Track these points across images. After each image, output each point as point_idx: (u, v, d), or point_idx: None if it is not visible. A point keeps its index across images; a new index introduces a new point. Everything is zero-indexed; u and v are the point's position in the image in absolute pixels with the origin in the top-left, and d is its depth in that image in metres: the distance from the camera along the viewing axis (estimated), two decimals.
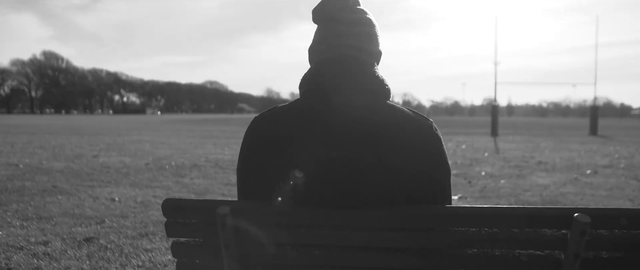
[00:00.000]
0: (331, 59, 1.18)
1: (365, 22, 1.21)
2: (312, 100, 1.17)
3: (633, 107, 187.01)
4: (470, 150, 13.85)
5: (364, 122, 1.11)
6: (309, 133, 1.12)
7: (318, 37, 1.22)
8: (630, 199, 6.01)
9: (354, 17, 1.19)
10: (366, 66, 1.18)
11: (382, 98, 1.17)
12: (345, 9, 1.19)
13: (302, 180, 1.11)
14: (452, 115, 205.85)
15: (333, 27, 1.19)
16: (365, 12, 1.23)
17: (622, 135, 25.12)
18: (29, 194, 5.83)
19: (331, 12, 1.18)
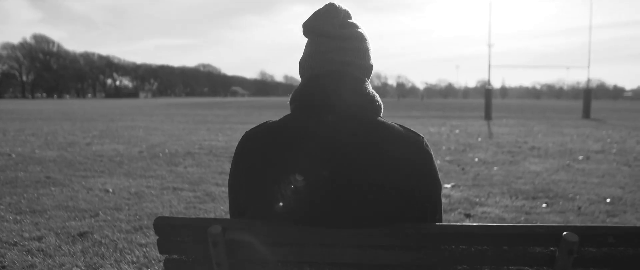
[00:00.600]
0: (322, 74, 1.17)
1: (356, 37, 1.20)
2: (303, 118, 1.17)
3: (626, 88, 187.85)
4: (464, 135, 13.89)
5: (355, 140, 1.12)
6: (300, 151, 1.13)
7: (309, 51, 1.21)
8: (621, 187, 6.07)
9: (344, 32, 1.18)
10: (357, 82, 1.18)
11: (372, 115, 1.17)
12: (335, 24, 1.18)
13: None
14: (446, 97, 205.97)
15: (323, 42, 1.18)
16: (356, 26, 1.23)
17: (614, 119, 25.26)
18: (22, 185, 5.82)
19: (322, 27, 1.17)
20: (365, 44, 1.23)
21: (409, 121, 21.37)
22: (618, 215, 4.61)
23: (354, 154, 1.10)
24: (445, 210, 4.84)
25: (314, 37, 1.20)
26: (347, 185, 1.09)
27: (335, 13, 1.18)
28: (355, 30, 1.21)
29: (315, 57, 1.19)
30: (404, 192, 1.12)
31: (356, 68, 1.19)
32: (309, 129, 1.14)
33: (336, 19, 1.18)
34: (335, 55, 1.17)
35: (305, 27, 1.20)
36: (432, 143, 11.46)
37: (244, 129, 15.97)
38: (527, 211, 4.77)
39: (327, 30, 1.17)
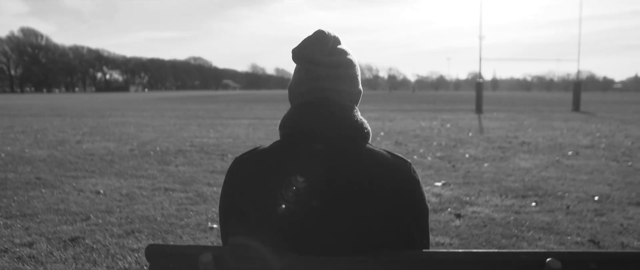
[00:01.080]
0: (311, 102, 1.19)
1: (345, 64, 1.22)
2: (292, 146, 1.18)
3: (615, 80, 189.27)
4: (455, 129, 13.97)
5: (344, 170, 1.13)
6: (290, 180, 1.14)
7: (298, 77, 1.22)
8: (609, 184, 6.14)
9: (333, 59, 1.20)
10: (345, 111, 1.20)
11: (361, 142, 1.19)
12: (325, 52, 1.19)
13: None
14: (437, 89, 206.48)
15: (313, 69, 1.19)
16: (346, 52, 1.24)
17: (604, 111, 25.49)
18: (12, 187, 5.79)
19: (311, 55, 1.19)
20: (354, 70, 1.24)
21: (400, 115, 21.44)
22: (605, 214, 4.68)
23: (342, 183, 1.12)
24: (436, 209, 4.89)
25: (303, 64, 1.21)
26: (337, 214, 1.11)
27: (325, 40, 1.19)
28: (344, 57, 1.22)
29: (304, 84, 1.20)
30: (393, 219, 1.14)
31: (345, 95, 1.21)
32: (298, 158, 1.15)
33: (325, 46, 1.19)
34: (325, 82, 1.19)
35: (295, 53, 1.21)
36: (423, 138, 11.53)
37: (234, 124, 15.96)
38: (516, 210, 4.83)
39: (316, 57, 1.18)
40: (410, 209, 1.17)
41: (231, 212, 1.22)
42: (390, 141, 10.96)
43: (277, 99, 50.27)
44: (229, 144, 10.28)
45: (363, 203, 1.11)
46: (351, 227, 1.11)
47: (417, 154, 8.93)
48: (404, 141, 11.00)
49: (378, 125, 15.57)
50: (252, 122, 16.70)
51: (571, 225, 4.30)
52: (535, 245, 3.79)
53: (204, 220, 4.43)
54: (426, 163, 7.93)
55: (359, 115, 1.22)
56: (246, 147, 9.85)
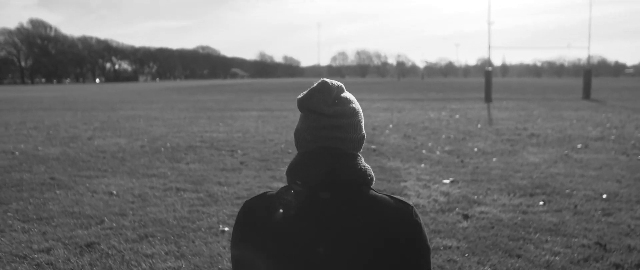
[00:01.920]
0: (317, 151, 1.24)
1: (349, 113, 1.27)
2: (299, 194, 1.24)
3: (627, 65, 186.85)
4: (464, 121, 13.95)
5: (349, 217, 1.19)
6: (297, 227, 1.20)
7: (304, 125, 1.27)
8: (618, 180, 6.15)
9: (337, 109, 1.25)
10: (349, 160, 1.25)
11: (365, 189, 1.24)
12: (328, 102, 1.24)
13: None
14: (446, 76, 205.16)
15: (317, 119, 1.24)
16: (349, 101, 1.29)
17: (614, 99, 25.27)
18: (28, 188, 5.91)
19: (316, 105, 1.24)
20: (357, 117, 1.29)
21: (409, 105, 21.41)
22: (613, 214, 4.70)
23: (347, 230, 1.18)
24: (443, 209, 4.94)
25: (308, 114, 1.26)
26: (342, 259, 1.17)
27: (328, 91, 1.24)
28: (347, 106, 1.27)
29: (310, 132, 1.26)
30: (396, 263, 1.20)
31: (349, 143, 1.27)
32: (304, 206, 1.21)
33: (329, 96, 1.24)
34: (329, 132, 1.24)
35: (300, 103, 1.26)
36: (432, 131, 11.54)
37: (244, 116, 16.05)
38: (524, 210, 4.86)
39: (321, 108, 1.23)
40: (413, 253, 1.22)
41: (241, 255, 1.28)
42: (399, 134, 10.98)
43: (285, 88, 50.30)
44: (239, 139, 10.36)
45: (367, 249, 1.17)
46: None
47: (425, 148, 8.96)
48: (412, 134, 11.02)
49: (387, 116, 15.58)
50: (262, 115, 16.77)
51: (578, 226, 4.34)
52: (541, 248, 3.83)
53: (215, 223, 4.51)
54: (435, 158, 7.96)
55: (361, 162, 1.27)
56: (256, 141, 9.94)
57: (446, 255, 3.72)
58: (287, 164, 7.43)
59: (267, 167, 7.29)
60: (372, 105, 21.30)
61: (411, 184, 6.05)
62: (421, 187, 5.91)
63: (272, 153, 8.53)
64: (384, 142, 9.81)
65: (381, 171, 6.90)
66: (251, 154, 8.44)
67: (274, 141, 10.01)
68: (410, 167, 7.19)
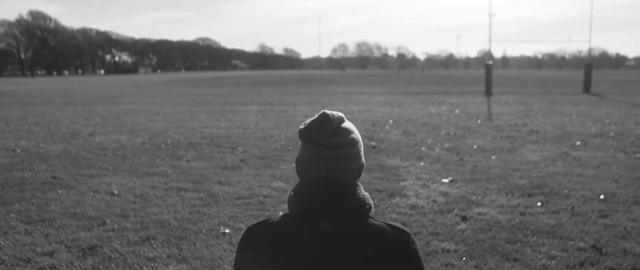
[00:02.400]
0: (317, 182, 1.28)
1: (349, 144, 1.30)
2: (300, 222, 1.28)
3: (628, 57, 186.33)
4: (464, 116, 13.97)
5: (348, 245, 1.23)
6: (298, 255, 1.24)
7: (305, 155, 1.31)
8: (616, 180, 6.19)
9: (337, 140, 1.28)
10: (348, 190, 1.29)
11: (364, 218, 1.29)
12: (329, 133, 1.28)
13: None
14: (446, 68, 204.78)
15: (318, 149, 1.28)
16: (349, 131, 1.32)
17: (614, 93, 25.27)
18: (30, 188, 5.96)
19: (317, 137, 1.28)
20: (357, 147, 1.33)
21: (409, 99, 21.42)
22: (610, 216, 4.75)
23: (347, 258, 1.22)
24: (442, 210, 4.98)
25: (309, 144, 1.30)
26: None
27: (328, 123, 1.28)
28: (347, 137, 1.31)
29: (311, 162, 1.30)
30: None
31: (348, 172, 1.30)
32: (305, 234, 1.25)
33: (329, 127, 1.28)
34: (329, 162, 1.28)
35: (301, 134, 1.30)
36: (432, 127, 11.57)
37: (244, 111, 16.08)
38: (522, 212, 4.91)
39: (321, 140, 1.27)
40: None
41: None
42: (399, 130, 11.02)
43: (285, 80, 50.28)
44: (239, 135, 10.40)
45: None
46: None
47: (425, 145, 9.00)
48: (412, 130, 11.06)
49: (387, 111, 15.61)
50: (262, 109, 16.80)
51: (575, 229, 4.38)
52: (538, 252, 3.88)
53: (216, 225, 4.56)
54: (434, 155, 8.00)
55: (360, 192, 1.31)
56: (256, 138, 9.98)
57: (444, 259, 3.77)
58: (287, 161, 7.51)
59: (267, 165, 7.33)
60: (372, 99, 21.32)
61: (410, 184, 6.09)
62: (420, 186, 5.96)
63: (272, 150, 8.57)
64: (384, 138, 9.85)
65: (381, 170, 6.94)
66: (251, 151, 8.48)
67: (274, 137, 10.05)
68: (410, 166, 7.23)
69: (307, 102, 19.86)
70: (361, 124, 12.17)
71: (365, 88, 32.53)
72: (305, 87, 34.19)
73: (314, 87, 35.17)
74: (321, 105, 18.51)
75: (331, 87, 33.99)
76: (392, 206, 5.15)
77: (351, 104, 18.71)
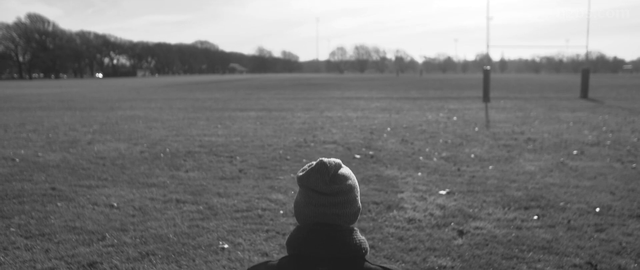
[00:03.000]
0: (315, 228, 1.33)
1: (345, 190, 1.35)
2: (299, 266, 1.32)
3: (626, 60, 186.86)
4: (461, 123, 14.03)
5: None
6: None
7: (303, 200, 1.36)
8: (612, 192, 6.24)
9: (334, 187, 1.33)
10: (345, 235, 1.33)
11: (360, 261, 1.33)
12: (326, 181, 1.32)
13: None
14: (445, 71, 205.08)
15: (315, 197, 1.33)
16: (346, 177, 1.37)
17: (611, 98, 25.38)
18: (29, 200, 5.98)
19: (314, 184, 1.32)
20: (353, 193, 1.37)
21: (407, 104, 21.49)
22: (606, 230, 4.79)
23: None
24: (439, 224, 5.02)
25: (307, 191, 1.34)
26: None
27: (326, 171, 1.32)
28: (344, 184, 1.35)
29: (309, 207, 1.34)
30: None
31: (345, 217, 1.35)
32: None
33: (327, 176, 1.32)
34: (327, 209, 1.32)
35: (299, 181, 1.35)
36: (429, 135, 11.62)
37: (242, 117, 16.12)
38: (518, 226, 4.95)
39: (319, 187, 1.32)
40: None
41: None
42: (396, 138, 11.06)
43: (283, 84, 50.33)
44: (237, 144, 10.43)
45: None
46: None
47: (423, 154, 9.04)
48: (410, 138, 11.10)
49: (385, 118, 15.66)
50: (260, 116, 16.84)
51: (571, 244, 4.43)
52: (534, 268, 3.92)
53: (215, 240, 4.60)
54: (432, 165, 8.05)
55: (357, 236, 1.35)
56: (254, 146, 10.02)
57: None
58: (285, 172, 7.55)
59: (265, 176, 7.36)
60: (370, 105, 21.38)
61: (407, 196, 6.13)
62: (418, 199, 6.00)
63: (271, 160, 8.61)
64: (382, 147, 9.89)
65: (378, 180, 6.98)
66: (250, 161, 8.51)
67: (272, 146, 10.08)
68: (407, 176, 7.27)
69: (305, 108, 19.91)
70: (359, 132, 12.22)
71: (363, 93, 32.60)
72: (304, 92, 34.25)
73: (312, 91, 35.23)
74: (319, 111, 18.55)
75: (329, 92, 34.05)
76: (389, 220, 5.19)
77: (349, 110, 18.76)
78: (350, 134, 11.94)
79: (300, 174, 1.35)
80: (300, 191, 1.38)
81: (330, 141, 10.74)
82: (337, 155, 8.99)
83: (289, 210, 5.50)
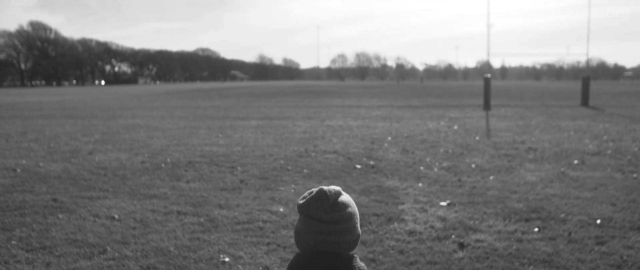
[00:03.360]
0: (315, 256, 1.34)
1: (345, 218, 1.36)
2: None
3: (626, 67, 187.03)
4: (462, 132, 14.05)
5: None
6: None
7: (303, 228, 1.37)
8: (613, 203, 6.23)
9: (334, 215, 1.34)
10: (345, 262, 1.35)
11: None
12: (326, 209, 1.34)
13: None
14: (445, 79, 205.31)
15: (315, 225, 1.34)
16: (346, 205, 1.38)
17: (612, 106, 25.40)
18: (31, 212, 5.99)
19: (314, 212, 1.33)
20: (353, 220, 1.39)
21: (408, 113, 21.52)
22: (606, 243, 4.79)
23: None
24: (440, 237, 5.02)
25: (307, 219, 1.36)
26: None
27: (326, 199, 1.34)
28: (344, 212, 1.37)
29: (309, 235, 1.35)
30: None
31: (344, 245, 1.36)
32: None
33: (326, 204, 1.34)
34: (327, 237, 1.34)
35: (299, 209, 1.36)
36: (430, 144, 11.63)
37: (243, 126, 16.15)
38: (519, 238, 4.95)
39: (319, 215, 1.33)
40: None
41: None
42: (397, 148, 11.07)
43: (284, 92, 50.42)
44: (238, 153, 10.45)
45: None
46: None
47: (423, 164, 9.05)
48: (411, 148, 11.11)
49: (386, 127, 15.68)
50: (261, 124, 16.87)
51: (572, 257, 4.42)
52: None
53: (216, 253, 4.60)
54: (432, 176, 8.05)
55: (357, 263, 1.37)
56: (255, 156, 10.03)
57: None
58: (286, 182, 7.58)
59: (266, 187, 7.37)
60: (371, 113, 21.41)
61: (408, 207, 6.13)
62: (418, 210, 6.00)
63: (272, 170, 8.62)
64: (383, 157, 9.90)
65: (379, 191, 6.98)
66: (251, 171, 8.52)
67: (273, 156, 10.10)
68: (408, 187, 7.28)
69: (306, 117, 19.94)
70: (360, 141, 12.23)
71: (364, 101, 32.65)
72: (305, 100, 34.31)
73: (313, 99, 35.29)
74: (320, 119, 18.58)
75: (330, 100, 34.11)
76: (390, 232, 5.19)
77: (350, 119, 18.78)
78: (351, 143, 11.95)
79: (301, 202, 1.36)
80: (301, 219, 1.39)
81: (331, 151, 10.75)
82: (338, 166, 9.00)
83: (289, 223, 5.50)
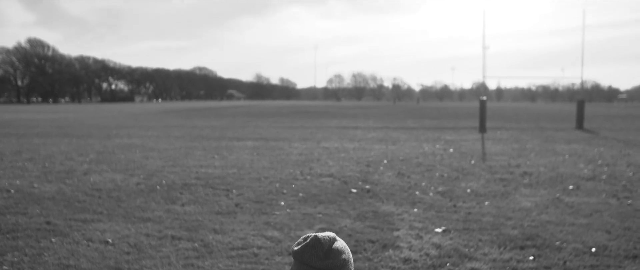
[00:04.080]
0: None
1: (339, 266, 1.37)
2: None
3: (621, 90, 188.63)
4: (457, 156, 14.08)
5: None
6: None
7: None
8: (608, 231, 6.24)
9: (328, 262, 1.35)
10: None
11: None
12: (320, 256, 1.35)
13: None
14: (441, 99, 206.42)
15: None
16: (340, 252, 1.39)
17: (607, 129, 25.55)
18: (23, 235, 5.94)
19: (309, 260, 1.34)
20: (347, 266, 1.40)
21: (404, 135, 21.58)
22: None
23: None
24: (435, 265, 5.01)
25: (301, 266, 1.37)
26: None
27: (320, 246, 1.35)
28: (338, 259, 1.38)
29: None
30: None
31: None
32: None
33: (321, 251, 1.35)
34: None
35: (294, 255, 1.37)
36: (426, 168, 11.64)
37: (239, 147, 16.14)
38: (514, 267, 4.94)
39: (313, 263, 1.34)
40: None
41: None
42: (393, 172, 11.08)
43: (281, 112, 50.53)
44: (234, 176, 10.43)
45: None
46: None
47: (419, 189, 9.05)
48: (407, 171, 11.12)
49: (381, 149, 15.71)
50: (257, 145, 16.87)
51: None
52: None
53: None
54: (428, 201, 8.05)
55: None
56: (250, 179, 10.02)
57: None
58: (281, 207, 7.55)
59: (262, 211, 7.35)
60: (367, 135, 21.46)
61: (404, 234, 6.12)
62: (413, 237, 5.99)
63: (267, 193, 8.60)
64: (378, 181, 9.90)
65: (374, 217, 6.97)
66: (246, 194, 8.50)
67: (269, 178, 10.08)
68: (404, 212, 7.27)
69: (302, 138, 19.96)
70: (356, 164, 12.24)
71: (360, 122, 32.76)
72: (301, 120, 34.38)
73: (309, 120, 35.37)
74: (316, 141, 18.60)
75: (326, 121, 34.19)
76: (385, 259, 5.17)
77: (346, 141, 18.82)
78: (347, 166, 11.95)
79: (296, 248, 1.37)
80: (295, 264, 1.40)
81: (327, 174, 10.75)
82: (334, 190, 8.99)
83: (284, 249, 5.48)
